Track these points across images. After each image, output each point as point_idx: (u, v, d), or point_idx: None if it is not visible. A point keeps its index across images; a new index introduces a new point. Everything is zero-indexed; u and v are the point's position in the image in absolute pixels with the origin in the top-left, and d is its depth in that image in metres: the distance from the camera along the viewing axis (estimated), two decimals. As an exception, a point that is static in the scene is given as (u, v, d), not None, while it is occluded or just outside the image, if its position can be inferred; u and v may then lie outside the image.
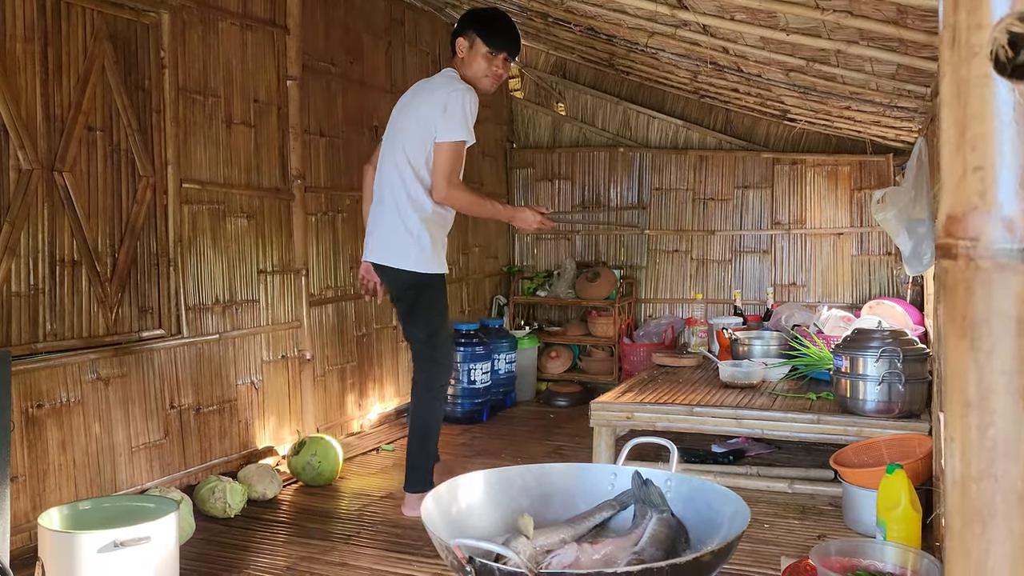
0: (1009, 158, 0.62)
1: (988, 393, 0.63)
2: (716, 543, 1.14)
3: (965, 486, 0.66)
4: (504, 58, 3.11)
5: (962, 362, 0.65)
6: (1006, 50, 0.62)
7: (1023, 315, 0.62)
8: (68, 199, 2.78)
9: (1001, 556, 0.64)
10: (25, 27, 2.62)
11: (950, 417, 0.67)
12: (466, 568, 1.02)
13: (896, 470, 2.59)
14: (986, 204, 0.63)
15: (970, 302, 0.64)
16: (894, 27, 2.26)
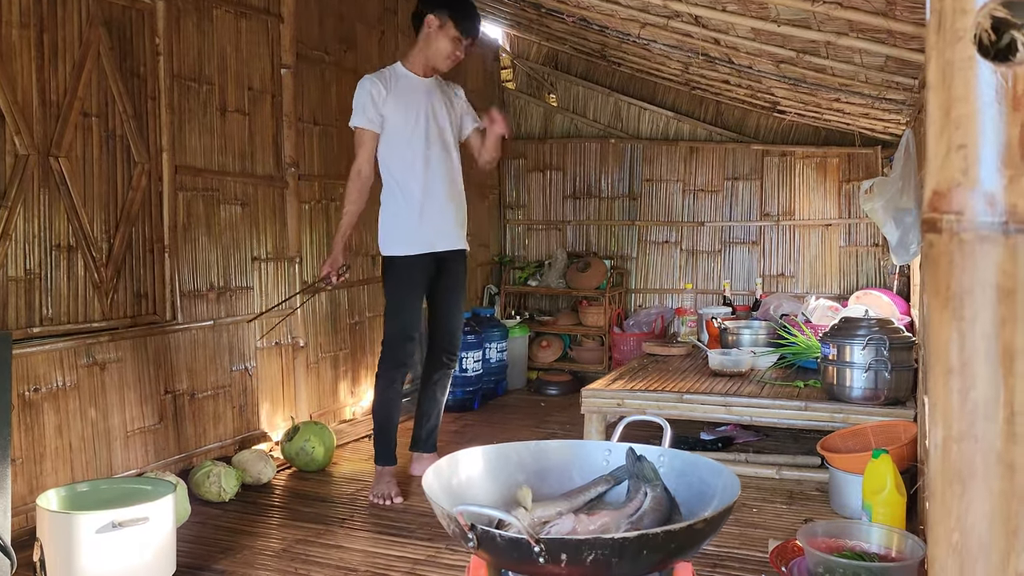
0: (991, 137, 0.66)
1: (970, 359, 0.67)
2: (708, 512, 1.18)
3: (947, 448, 0.70)
4: (467, 44, 3.19)
5: (945, 330, 0.69)
6: (989, 34, 0.66)
7: (1003, 284, 0.65)
8: (64, 184, 2.79)
9: (980, 515, 0.68)
10: (21, 13, 2.63)
11: (932, 384, 0.71)
12: (468, 535, 1.06)
13: (882, 455, 2.64)
14: (969, 180, 0.66)
15: (953, 273, 0.68)
16: (883, 18, 2.30)
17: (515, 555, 1.05)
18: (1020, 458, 0.66)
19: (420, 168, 3.15)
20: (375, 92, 3.09)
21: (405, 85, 3.17)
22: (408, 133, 3.13)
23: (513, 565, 1.09)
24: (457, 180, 3.28)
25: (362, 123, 3.11)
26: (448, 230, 3.23)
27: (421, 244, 3.16)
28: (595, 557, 1.02)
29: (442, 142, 3.21)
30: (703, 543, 1.18)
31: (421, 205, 3.15)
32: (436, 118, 3.20)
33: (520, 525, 1.01)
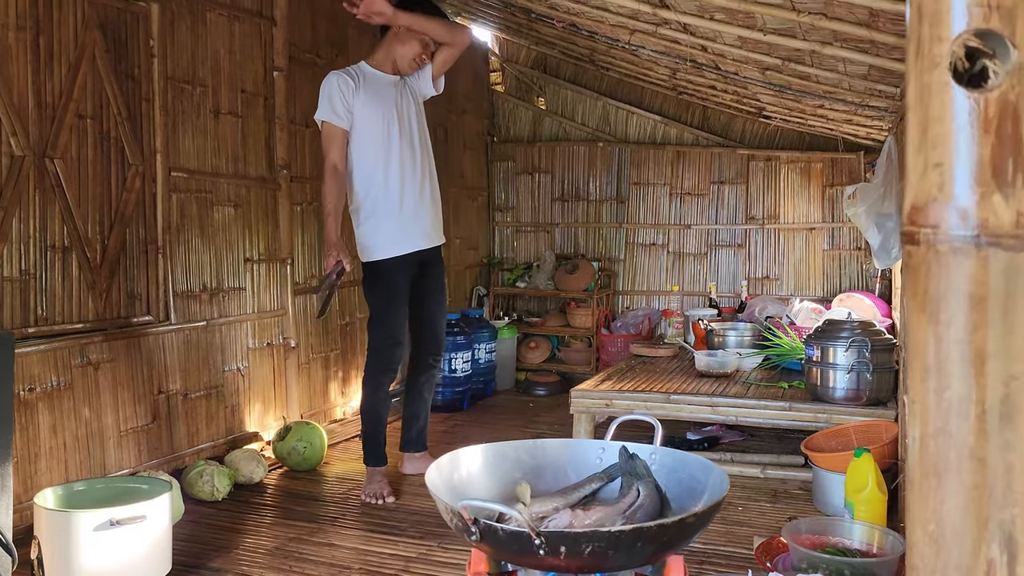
0: (964, 156, 0.71)
1: (944, 360, 0.72)
2: (699, 507, 1.23)
3: (924, 443, 0.75)
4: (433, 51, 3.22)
5: (922, 334, 0.74)
6: (963, 62, 0.71)
7: (975, 293, 0.71)
8: (59, 186, 2.81)
9: (954, 505, 0.74)
10: (17, 16, 2.65)
11: (911, 382, 0.77)
12: (471, 529, 1.10)
13: (863, 454, 2.71)
14: (944, 196, 0.72)
15: (930, 281, 0.73)
16: (866, 29, 2.37)
17: (516, 547, 1.10)
18: (990, 453, 0.72)
19: (395, 168, 3.12)
20: (344, 87, 3.05)
21: (374, 83, 3.14)
22: (380, 132, 3.10)
23: (514, 557, 1.14)
24: (432, 177, 3.27)
25: (329, 117, 3.05)
26: (427, 228, 3.23)
27: (404, 245, 3.14)
28: (592, 549, 1.07)
29: (416, 141, 3.20)
30: (694, 536, 1.23)
31: (400, 206, 3.12)
32: (407, 116, 3.18)
33: (521, 519, 1.06)
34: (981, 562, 0.72)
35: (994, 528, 0.71)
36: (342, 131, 3.06)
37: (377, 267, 3.15)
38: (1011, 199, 0.70)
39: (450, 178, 5.44)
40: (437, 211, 3.29)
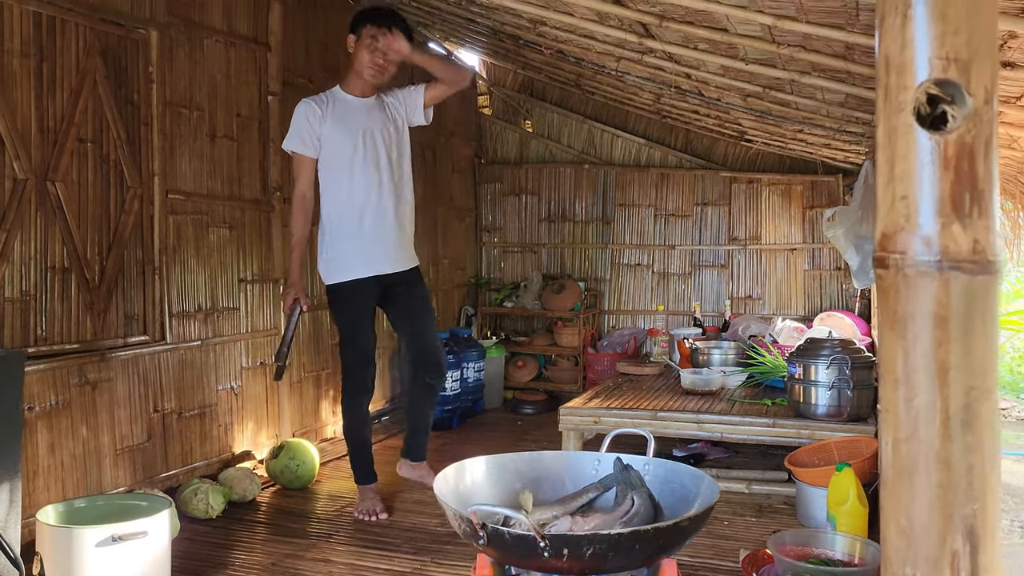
0: (928, 190, 0.80)
1: (912, 372, 0.81)
2: (692, 512, 1.31)
3: (896, 447, 0.84)
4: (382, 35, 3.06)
5: (892, 349, 0.83)
6: (925, 107, 0.81)
7: (938, 312, 0.80)
8: (60, 208, 2.87)
9: (923, 502, 0.82)
10: (22, 43, 2.72)
11: (884, 393, 0.85)
12: (479, 533, 1.17)
13: (845, 468, 2.80)
14: (910, 225, 0.81)
15: (899, 302, 0.82)
16: (842, 61, 2.49)
17: (522, 550, 1.16)
18: (954, 456, 0.80)
19: (359, 192, 3.10)
20: (310, 114, 3.08)
21: (342, 107, 3.13)
22: (346, 156, 3.09)
23: (519, 560, 1.21)
24: (402, 201, 3.21)
25: (297, 147, 3.10)
26: (390, 253, 3.18)
27: (362, 269, 3.13)
28: (593, 551, 1.14)
29: (383, 164, 3.14)
30: (687, 540, 1.31)
31: (360, 230, 3.11)
32: (375, 139, 3.14)
33: (528, 522, 1.13)
34: (946, 552, 0.80)
35: (958, 522, 0.80)
36: (310, 159, 3.10)
37: (337, 290, 3.15)
38: (968, 228, 0.79)
39: (438, 199, 5.54)
40: (404, 235, 3.23)
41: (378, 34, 3.07)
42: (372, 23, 3.09)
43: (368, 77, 3.13)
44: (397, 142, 3.22)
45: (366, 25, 3.10)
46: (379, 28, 3.07)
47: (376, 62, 3.10)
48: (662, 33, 2.86)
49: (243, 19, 3.72)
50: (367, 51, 3.09)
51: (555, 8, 3.01)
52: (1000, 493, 0.82)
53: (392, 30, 3.08)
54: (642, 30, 2.92)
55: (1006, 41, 1.82)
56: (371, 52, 3.08)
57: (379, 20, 3.09)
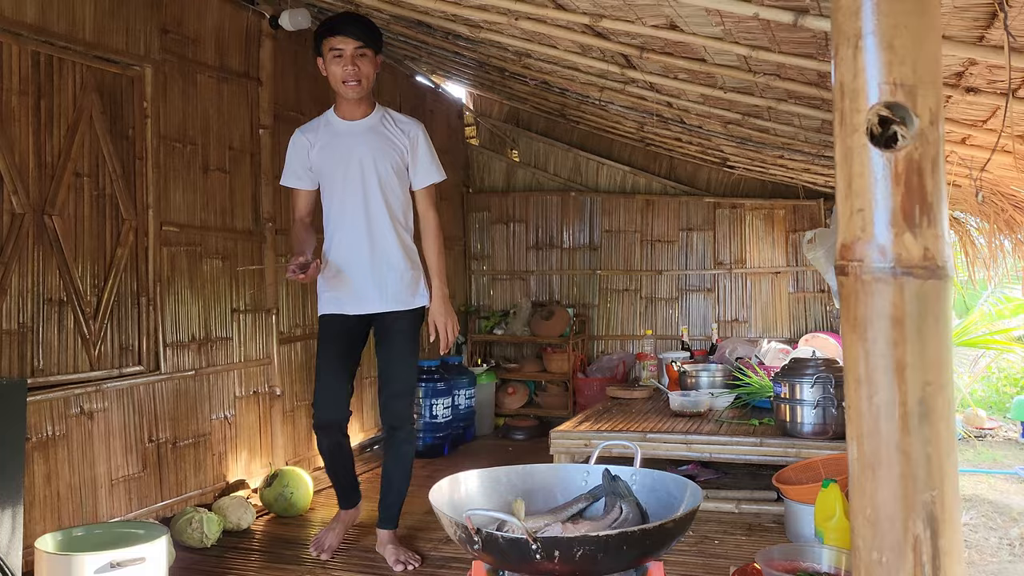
0: (881, 204, 0.88)
1: (872, 371, 0.88)
2: (677, 514, 1.37)
3: (860, 442, 0.90)
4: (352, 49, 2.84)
5: (854, 350, 0.90)
6: (877, 128, 0.88)
7: (894, 315, 0.87)
8: (57, 241, 2.92)
9: (886, 493, 0.88)
10: (20, 81, 2.79)
11: (847, 392, 0.92)
12: (474, 538, 1.22)
13: (831, 484, 2.86)
14: (866, 236, 0.88)
15: (858, 306, 0.89)
16: (816, 88, 2.59)
17: (515, 554, 1.21)
18: (913, 447, 0.87)
19: (337, 222, 2.95)
20: (300, 145, 2.98)
21: (331, 132, 2.98)
22: (331, 183, 2.96)
23: (513, 565, 1.26)
24: (392, 233, 2.95)
25: (290, 181, 3.03)
26: (363, 292, 2.94)
27: (331, 304, 2.98)
28: (583, 553, 1.19)
29: (371, 193, 2.92)
30: (673, 541, 1.36)
31: (334, 262, 2.96)
32: (361, 166, 2.92)
33: (520, 525, 1.19)
34: (909, 538, 0.86)
35: (919, 509, 0.86)
36: (304, 192, 3.02)
37: (319, 320, 3.04)
38: (919, 237, 0.87)
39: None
40: (387, 273, 2.95)
41: (337, 43, 2.85)
42: (329, 34, 2.87)
43: (348, 93, 2.90)
44: (387, 169, 2.95)
45: (325, 39, 2.89)
46: (336, 36, 2.85)
47: (348, 72, 2.86)
48: (643, 64, 2.96)
49: (235, 55, 3.80)
50: (335, 65, 2.88)
51: (539, 41, 3.10)
52: (957, 481, 0.89)
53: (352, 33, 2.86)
54: (624, 61, 3.02)
55: (967, 68, 1.92)
56: (339, 65, 2.87)
57: (335, 29, 2.86)
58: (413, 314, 3.02)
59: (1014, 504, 3.94)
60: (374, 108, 3.01)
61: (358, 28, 2.87)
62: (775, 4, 1.91)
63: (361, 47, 2.86)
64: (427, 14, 3.29)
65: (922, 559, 0.86)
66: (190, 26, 3.52)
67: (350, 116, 2.99)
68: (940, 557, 0.86)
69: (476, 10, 2.85)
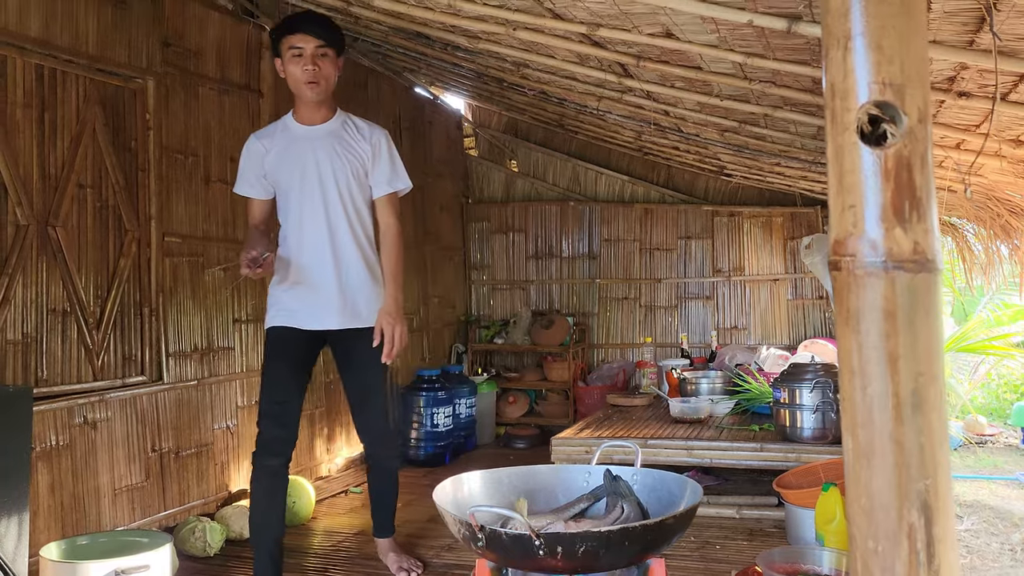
0: (872, 199, 0.90)
1: (865, 363, 0.90)
2: (678, 510, 1.39)
3: (855, 433, 0.92)
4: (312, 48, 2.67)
5: (847, 343, 0.92)
6: (867, 126, 0.91)
7: (885, 307, 0.89)
8: (60, 252, 2.95)
9: (882, 481, 0.90)
10: (24, 94, 2.82)
11: (843, 384, 0.94)
12: (478, 535, 1.24)
13: (831, 488, 2.87)
14: (858, 231, 0.91)
15: (851, 299, 0.91)
16: (811, 95, 2.62)
17: (518, 550, 1.23)
18: (906, 436, 0.89)
19: (294, 231, 2.75)
20: (254, 152, 2.79)
21: (287, 137, 2.79)
22: (287, 191, 2.77)
23: (516, 562, 1.28)
24: (347, 247, 2.76)
25: (242, 190, 2.84)
26: (322, 307, 2.73)
27: (284, 316, 2.75)
28: (586, 548, 1.21)
29: (331, 201, 2.73)
30: (674, 538, 1.38)
31: (288, 272, 2.75)
32: (319, 172, 2.74)
33: (523, 521, 1.20)
34: (904, 526, 0.88)
35: (913, 497, 0.88)
36: (259, 201, 2.83)
37: (268, 334, 2.80)
38: (909, 232, 0.89)
39: (427, 239, 5.64)
40: (347, 286, 2.76)
41: (297, 41, 2.68)
42: (288, 32, 2.70)
43: (307, 95, 2.73)
44: (348, 176, 2.77)
45: (283, 37, 2.71)
46: (296, 34, 2.68)
47: (308, 73, 2.68)
48: (640, 72, 2.99)
49: (236, 67, 3.84)
50: (293, 65, 2.70)
51: (537, 51, 3.14)
52: (950, 470, 0.91)
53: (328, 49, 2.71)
54: (621, 70, 3.06)
55: (959, 72, 1.95)
56: (298, 65, 2.69)
57: (295, 27, 2.69)
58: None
59: (1015, 510, 3.95)
60: (335, 113, 2.85)
61: (319, 26, 2.71)
62: (769, 11, 1.94)
63: (322, 46, 2.69)
64: (426, 25, 3.32)
65: (916, 546, 0.88)
66: (191, 39, 3.56)
67: (309, 121, 2.80)
68: (934, 544, 0.88)
69: (475, 21, 2.89)
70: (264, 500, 2.71)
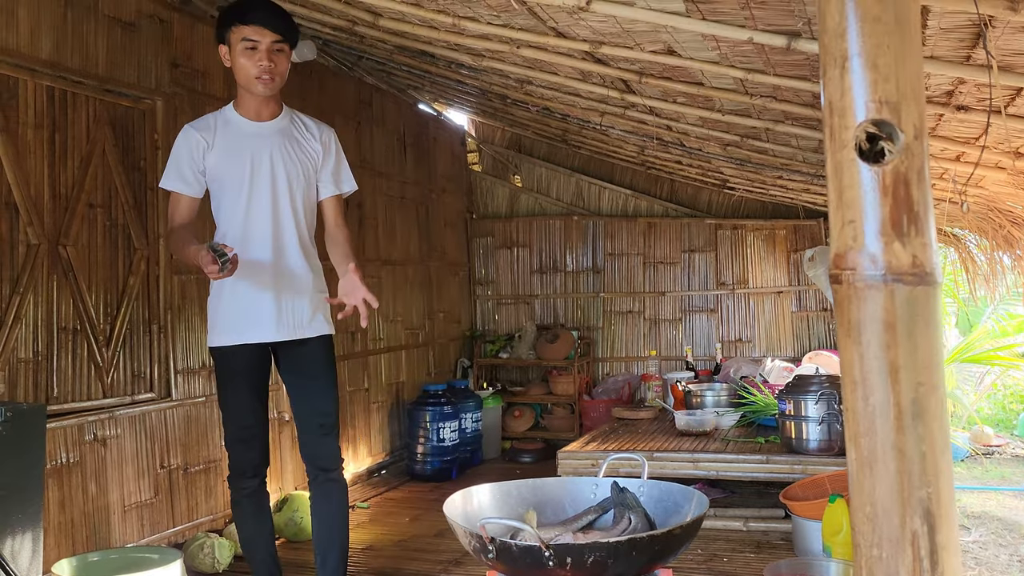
0: (871, 214, 0.93)
1: (867, 373, 0.92)
2: (685, 521, 1.40)
3: (857, 442, 0.94)
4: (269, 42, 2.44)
5: (849, 354, 0.94)
6: (865, 143, 0.93)
7: (886, 319, 0.91)
8: (71, 271, 2.98)
9: (884, 489, 0.92)
10: (35, 115, 2.87)
11: (845, 394, 0.96)
12: (488, 547, 1.26)
13: (838, 499, 2.88)
14: (858, 245, 0.93)
15: (852, 312, 0.93)
16: (811, 109, 2.65)
17: (528, 561, 1.25)
18: (908, 445, 0.91)
19: (235, 232, 2.51)
20: (194, 146, 2.51)
21: (231, 132, 2.54)
22: (232, 191, 2.52)
23: (526, 573, 1.29)
24: (294, 252, 2.56)
25: (175, 184, 2.53)
26: (267, 317, 2.51)
27: (230, 333, 2.53)
28: (594, 559, 1.23)
29: (277, 202, 2.53)
30: (681, 548, 1.39)
31: (227, 285, 2.48)
32: (272, 173, 2.53)
33: (533, 532, 1.22)
34: (907, 533, 0.90)
35: (915, 505, 0.90)
36: (188, 199, 2.54)
37: (214, 354, 2.59)
38: (907, 246, 0.91)
39: (432, 254, 5.68)
40: (301, 294, 2.57)
41: (252, 33, 2.43)
42: (241, 22, 2.45)
43: (258, 90, 2.49)
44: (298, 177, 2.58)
45: (235, 25, 2.46)
46: (251, 26, 2.44)
47: (263, 69, 2.46)
48: (642, 88, 3.03)
49: (242, 87, 3.88)
50: (245, 59, 2.46)
51: (541, 68, 3.18)
52: (952, 479, 0.92)
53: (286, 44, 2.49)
54: (623, 86, 3.09)
55: (956, 87, 1.97)
56: (251, 59, 2.45)
57: (249, 17, 2.44)
58: (326, 340, 2.65)
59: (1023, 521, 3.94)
60: (282, 109, 2.63)
61: (278, 19, 2.47)
62: (768, 29, 1.97)
63: (279, 41, 2.46)
64: (431, 44, 3.37)
65: (920, 553, 0.89)
66: (199, 60, 3.61)
67: (256, 116, 2.56)
68: (938, 552, 0.90)
69: (479, 39, 2.93)
70: (250, 521, 2.65)
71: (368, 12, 3.13)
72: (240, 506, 2.64)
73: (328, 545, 2.62)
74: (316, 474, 2.64)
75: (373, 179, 4.98)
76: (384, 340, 5.06)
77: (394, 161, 5.27)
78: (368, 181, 4.92)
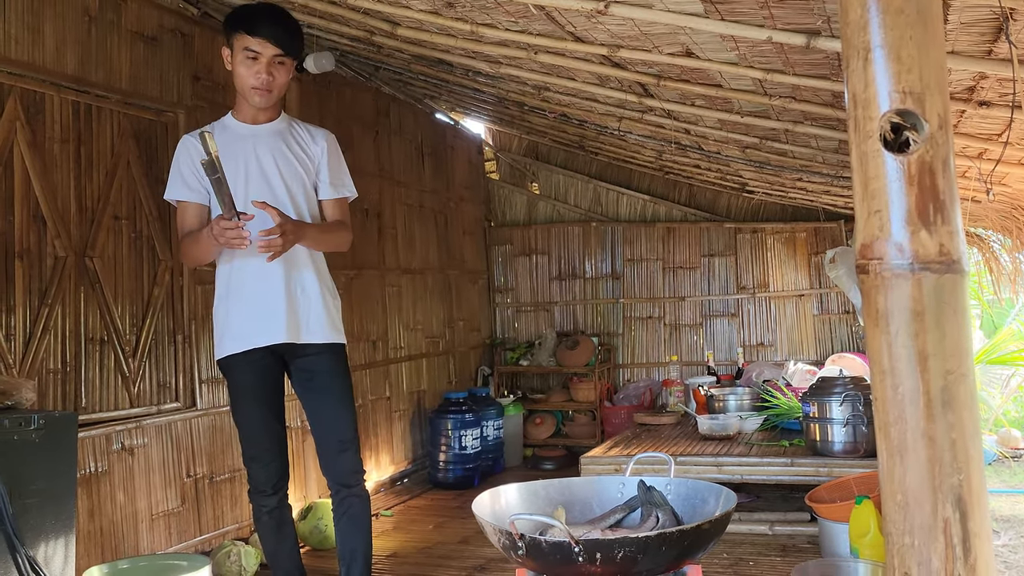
0: (896, 204, 0.93)
1: (896, 362, 0.92)
2: (714, 516, 1.40)
3: (886, 431, 0.94)
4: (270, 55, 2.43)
5: (877, 343, 0.94)
6: (890, 134, 0.94)
7: (913, 307, 0.91)
8: (97, 283, 3.02)
9: (915, 477, 0.92)
10: (62, 129, 2.92)
11: (874, 384, 0.96)
12: (518, 544, 1.26)
13: (864, 501, 2.86)
14: (884, 235, 0.93)
15: (879, 301, 0.94)
16: (831, 109, 2.64)
17: (558, 557, 1.26)
18: (938, 432, 0.91)
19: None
20: (192, 150, 2.47)
21: (228, 138, 2.49)
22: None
23: (556, 568, 1.30)
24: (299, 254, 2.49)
25: (182, 195, 2.50)
26: (274, 319, 2.46)
27: (238, 340, 2.48)
28: (624, 554, 1.23)
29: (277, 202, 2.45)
30: (711, 543, 1.39)
31: (230, 285, 2.49)
32: (265, 172, 2.49)
33: (563, 527, 1.23)
34: (939, 520, 0.90)
35: (947, 492, 0.90)
36: (196, 206, 2.50)
37: (223, 366, 2.55)
38: (934, 234, 0.92)
39: (451, 263, 5.70)
40: (309, 297, 2.52)
41: (254, 45, 2.42)
42: (245, 31, 2.43)
43: (254, 100, 2.49)
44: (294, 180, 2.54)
45: (239, 33, 2.44)
46: (254, 37, 2.42)
47: (261, 80, 2.45)
48: (660, 92, 3.03)
49: (263, 99, 3.93)
50: (244, 68, 2.45)
51: (558, 74, 3.20)
52: (983, 466, 0.92)
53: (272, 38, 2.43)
54: (641, 90, 3.10)
55: (978, 82, 1.97)
56: (250, 69, 2.45)
57: (254, 28, 2.42)
58: (338, 350, 2.59)
59: (1053, 521, 3.89)
60: (280, 114, 2.62)
61: (283, 32, 2.46)
62: (787, 28, 1.97)
63: (281, 55, 2.45)
64: (448, 52, 3.39)
65: (952, 540, 0.89)
66: (220, 72, 3.65)
67: (252, 120, 2.55)
68: (970, 539, 0.89)
69: (496, 46, 2.95)
70: (272, 536, 2.65)
71: (386, 22, 3.17)
72: (261, 522, 2.65)
73: (352, 557, 2.60)
74: (337, 489, 2.62)
75: (392, 188, 5.02)
76: (405, 349, 5.08)
77: (412, 170, 5.30)
78: (387, 190, 4.96)
